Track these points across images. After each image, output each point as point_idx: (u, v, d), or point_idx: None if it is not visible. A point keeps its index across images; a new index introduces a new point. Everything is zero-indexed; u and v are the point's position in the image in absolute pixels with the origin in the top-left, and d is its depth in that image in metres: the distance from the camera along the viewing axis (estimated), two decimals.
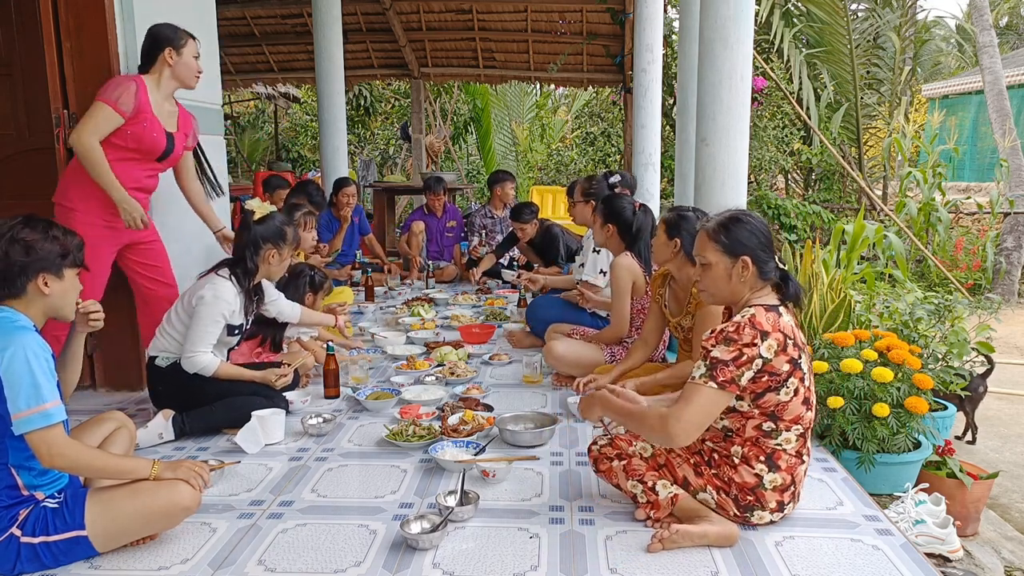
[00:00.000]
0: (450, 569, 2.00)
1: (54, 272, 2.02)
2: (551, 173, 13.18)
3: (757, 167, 8.60)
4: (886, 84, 10.97)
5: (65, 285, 2.06)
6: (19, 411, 1.86)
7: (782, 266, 2.17)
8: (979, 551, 2.76)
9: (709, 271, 2.21)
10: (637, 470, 2.27)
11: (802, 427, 2.16)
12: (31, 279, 1.99)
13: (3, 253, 1.96)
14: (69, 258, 2.05)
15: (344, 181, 6.29)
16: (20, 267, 1.97)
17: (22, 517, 1.94)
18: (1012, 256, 8.01)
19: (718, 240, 2.18)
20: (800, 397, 2.11)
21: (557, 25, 9.25)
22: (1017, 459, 3.85)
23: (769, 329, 2.04)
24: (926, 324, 3.60)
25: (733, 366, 2.02)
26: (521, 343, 4.37)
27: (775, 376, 2.05)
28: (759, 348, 2.02)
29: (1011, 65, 13.46)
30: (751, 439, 2.16)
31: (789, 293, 2.16)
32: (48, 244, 2.01)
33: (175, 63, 3.20)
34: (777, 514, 2.21)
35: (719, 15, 3.52)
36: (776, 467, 2.15)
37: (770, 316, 2.06)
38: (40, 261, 1.99)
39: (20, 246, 1.97)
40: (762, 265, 2.14)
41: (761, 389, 2.08)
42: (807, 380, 2.14)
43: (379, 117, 14.46)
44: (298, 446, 2.89)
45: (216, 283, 2.97)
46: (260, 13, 9.56)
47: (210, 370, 2.96)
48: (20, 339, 1.91)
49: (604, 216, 3.66)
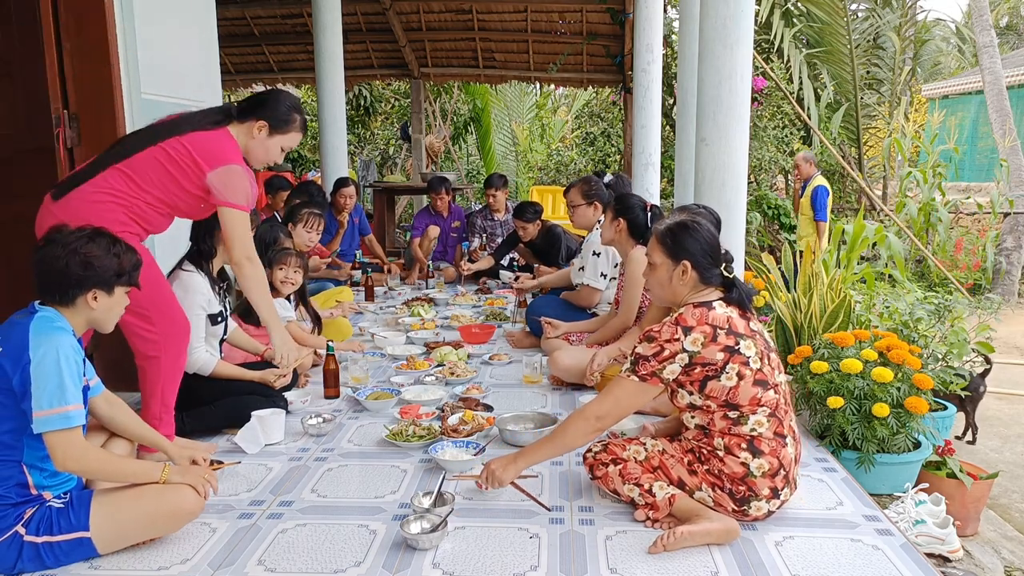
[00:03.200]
0: (450, 569, 2.00)
1: (105, 289, 2.06)
2: (551, 173, 13.17)
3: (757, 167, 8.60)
4: (886, 84, 10.97)
5: (112, 301, 2.09)
6: (41, 410, 1.89)
7: (728, 275, 2.27)
8: (979, 551, 2.76)
9: (654, 271, 2.37)
10: (633, 474, 2.29)
11: (768, 408, 2.19)
12: (83, 293, 2.03)
13: (64, 264, 2.00)
14: (124, 277, 2.09)
15: (343, 181, 6.27)
16: (76, 280, 2.01)
17: (28, 516, 1.95)
18: (1012, 256, 8.01)
19: (664, 243, 2.33)
20: (748, 380, 2.16)
21: (557, 25, 9.26)
22: (1017, 459, 3.85)
23: (693, 324, 2.16)
24: (926, 324, 3.60)
25: (655, 361, 2.17)
26: (521, 343, 4.37)
27: (710, 366, 2.15)
28: (682, 343, 2.15)
29: (1011, 65, 13.45)
30: (724, 430, 2.20)
31: (733, 297, 2.26)
32: (108, 261, 2.05)
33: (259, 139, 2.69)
34: (773, 502, 2.21)
35: (719, 15, 3.52)
36: (759, 452, 2.17)
37: (697, 312, 2.19)
38: (95, 277, 2.03)
39: (80, 260, 2.01)
40: (702, 271, 2.27)
41: (700, 379, 2.17)
42: (754, 363, 2.18)
43: (379, 117, 14.46)
44: (298, 446, 2.89)
45: (183, 278, 2.96)
46: (260, 13, 9.57)
47: (208, 369, 2.96)
48: (56, 340, 1.94)
49: (616, 211, 3.68)
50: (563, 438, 2.29)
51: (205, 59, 4.26)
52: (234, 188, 2.56)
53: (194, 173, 2.54)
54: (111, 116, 3.51)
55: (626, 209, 3.65)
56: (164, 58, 3.86)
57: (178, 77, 3.99)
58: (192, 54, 4.12)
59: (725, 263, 2.28)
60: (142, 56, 3.65)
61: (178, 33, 3.98)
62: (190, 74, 4.10)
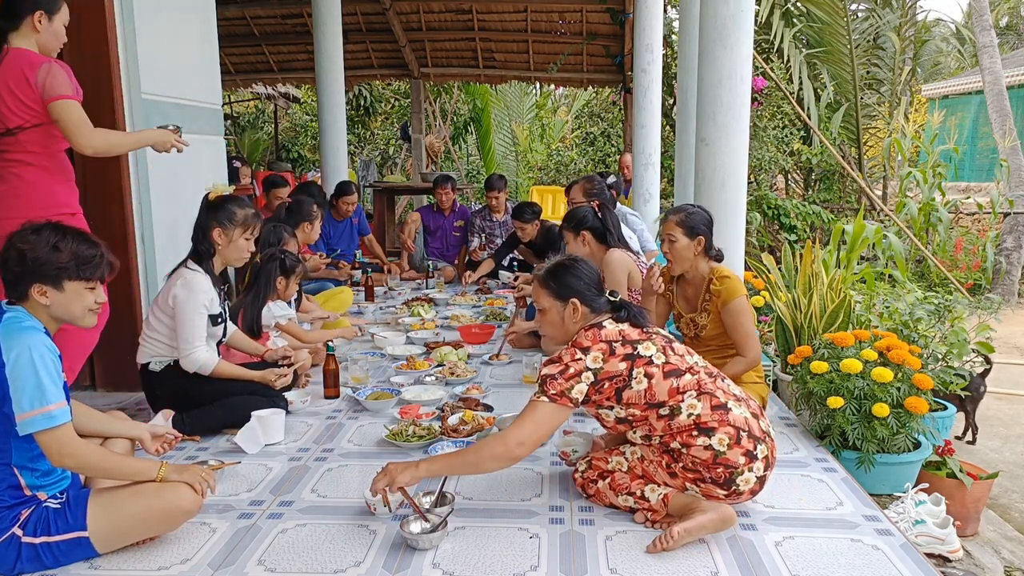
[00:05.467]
0: (450, 569, 2.00)
1: (50, 283, 1.98)
2: (551, 173, 13.17)
3: (757, 167, 8.59)
4: (886, 84, 10.97)
5: (66, 297, 2.00)
6: (23, 412, 1.86)
7: (613, 299, 2.35)
8: (979, 551, 2.76)
9: (545, 316, 2.40)
10: (622, 484, 2.30)
11: (692, 391, 2.21)
12: (27, 287, 1.97)
13: (3, 260, 1.97)
14: (68, 271, 1.99)
15: (346, 187, 6.26)
16: (16, 275, 1.97)
17: (24, 517, 1.94)
18: (1012, 256, 8.01)
19: (548, 287, 2.37)
20: (658, 376, 2.20)
21: (557, 25, 9.26)
22: (1017, 459, 3.85)
23: (589, 344, 2.22)
24: (926, 324, 3.60)
25: (561, 379, 2.19)
26: (521, 343, 4.37)
27: (617, 378, 2.20)
28: (585, 361, 2.20)
29: (1011, 65, 13.46)
30: (666, 429, 2.22)
31: (622, 316, 2.32)
32: (44, 254, 1.96)
33: (43, 30, 2.79)
34: (756, 466, 2.18)
35: (719, 15, 3.52)
36: (711, 430, 2.17)
37: (589, 333, 2.25)
38: (35, 272, 1.96)
39: (16, 254, 1.96)
40: (590, 303, 2.34)
41: (612, 392, 2.21)
42: (657, 359, 2.22)
43: (379, 117, 14.47)
44: (298, 446, 2.89)
45: (187, 276, 2.95)
46: (260, 13, 9.57)
47: (209, 368, 2.96)
48: (26, 340, 1.90)
49: (574, 229, 3.76)
50: (477, 459, 2.22)
51: (205, 59, 4.26)
52: (59, 82, 2.70)
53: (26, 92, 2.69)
54: (111, 116, 3.51)
55: (581, 221, 3.74)
56: (164, 58, 3.86)
57: (178, 77, 3.99)
58: (192, 54, 4.12)
59: (609, 290, 2.37)
60: (142, 56, 3.65)
61: (178, 33, 3.98)
62: (190, 74, 4.10)
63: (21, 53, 2.73)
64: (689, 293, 3.18)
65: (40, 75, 2.69)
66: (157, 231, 3.80)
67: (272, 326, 3.76)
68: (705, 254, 3.08)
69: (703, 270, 3.09)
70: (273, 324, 3.77)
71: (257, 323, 3.59)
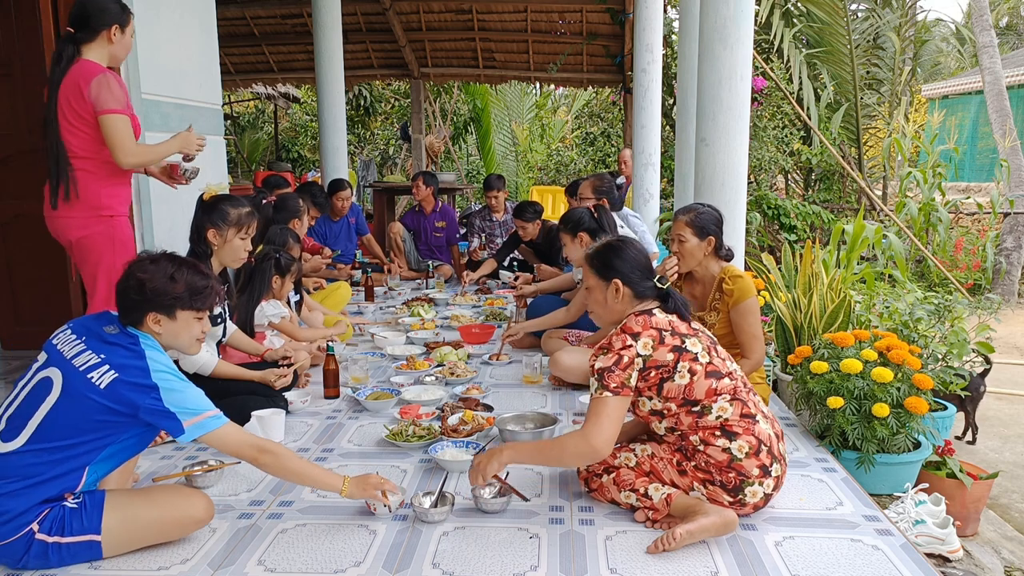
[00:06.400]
0: (450, 569, 2.00)
1: (165, 312, 2.06)
2: (551, 173, 13.18)
3: (757, 167, 8.59)
4: (886, 84, 10.96)
5: (177, 326, 2.08)
6: (188, 419, 1.99)
7: (661, 286, 2.34)
8: (979, 551, 2.76)
9: (591, 294, 2.41)
10: (627, 480, 2.30)
11: (727, 394, 2.23)
12: (143, 316, 2.04)
13: (123, 288, 2.04)
14: (183, 301, 2.07)
15: (339, 183, 6.25)
16: (133, 303, 2.04)
17: (45, 514, 1.94)
18: (1012, 256, 8.01)
19: (593, 266, 2.39)
20: (701, 375, 2.21)
21: (557, 25, 9.26)
22: (1017, 459, 3.85)
23: (639, 330, 2.21)
24: (926, 324, 3.60)
25: (618, 370, 2.18)
26: (521, 343, 4.37)
27: (663, 368, 2.20)
28: (635, 348, 2.19)
29: (1011, 65, 13.46)
30: (693, 425, 2.23)
31: (669, 307, 2.33)
32: (161, 284, 2.04)
33: (116, 41, 2.95)
34: (767, 482, 2.21)
35: (719, 15, 3.52)
36: (734, 435, 2.19)
37: (640, 319, 2.24)
38: (150, 302, 2.03)
39: (136, 283, 2.03)
40: (635, 286, 2.32)
41: (656, 382, 2.21)
42: (703, 357, 2.24)
43: (379, 117, 14.47)
44: (298, 446, 2.89)
45: None
46: (260, 13, 9.57)
47: (208, 368, 2.96)
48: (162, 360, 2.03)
49: (571, 231, 3.79)
50: (560, 455, 2.26)
51: (205, 59, 4.26)
52: (104, 95, 2.81)
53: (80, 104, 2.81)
54: None
55: (578, 223, 3.77)
56: (164, 58, 3.86)
57: (178, 77, 3.99)
58: (192, 54, 4.13)
59: (658, 277, 2.35)
60: (142, 56, 3.65)
61: (178, 33, 3.98)
62: (190, 74, 4.11)
63: (82, 65, 2.85)
64: (697, 292, 3.18)
65: (93, 88, 2.81)
66: (157, 231, 3.80)
67: (265, 325, 3.75)
68: (715, 253, 3.09)
69: (713, 269, 3.10)
70: (266, 323, 3.77)
71: (249, 322, 3.59)
